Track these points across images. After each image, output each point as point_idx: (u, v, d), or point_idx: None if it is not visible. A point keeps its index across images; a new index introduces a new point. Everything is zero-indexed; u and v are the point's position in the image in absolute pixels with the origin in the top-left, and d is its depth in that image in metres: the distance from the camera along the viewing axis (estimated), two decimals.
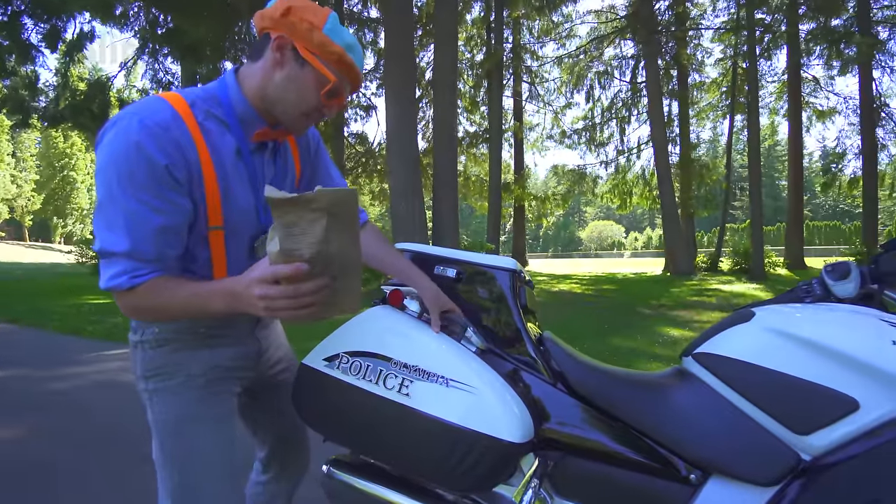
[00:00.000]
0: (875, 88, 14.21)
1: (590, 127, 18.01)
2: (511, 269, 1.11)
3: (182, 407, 0.87)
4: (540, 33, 17.71)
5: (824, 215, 51.39)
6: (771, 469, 0.84)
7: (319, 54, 0.78)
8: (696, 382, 0.98)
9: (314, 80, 0.79)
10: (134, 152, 0.72)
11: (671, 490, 0.90)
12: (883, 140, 14.41)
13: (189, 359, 0.88)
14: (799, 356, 0.88)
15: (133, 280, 0.75)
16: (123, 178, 0.72)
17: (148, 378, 0.88)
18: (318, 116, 0.85)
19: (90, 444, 2.40)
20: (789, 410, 0.86)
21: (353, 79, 0.84)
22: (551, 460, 0.97)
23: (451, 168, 9.16)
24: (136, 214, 0.73)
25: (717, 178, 15.56)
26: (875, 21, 13.71)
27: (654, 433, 0.93)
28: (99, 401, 3.07)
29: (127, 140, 0.72)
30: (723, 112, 17.35)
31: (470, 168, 18.06)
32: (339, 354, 0.99)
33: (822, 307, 0.98)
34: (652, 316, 6.88)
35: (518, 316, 1.08)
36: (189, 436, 0.87)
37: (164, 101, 0.77)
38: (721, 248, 15.60)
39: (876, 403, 0.79)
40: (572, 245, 66.41)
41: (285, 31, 0.77)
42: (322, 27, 0.77)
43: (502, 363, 1.03)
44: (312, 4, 0.79)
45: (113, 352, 4.38)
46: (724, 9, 16.40)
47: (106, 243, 0.74)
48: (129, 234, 0.73)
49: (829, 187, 16.23)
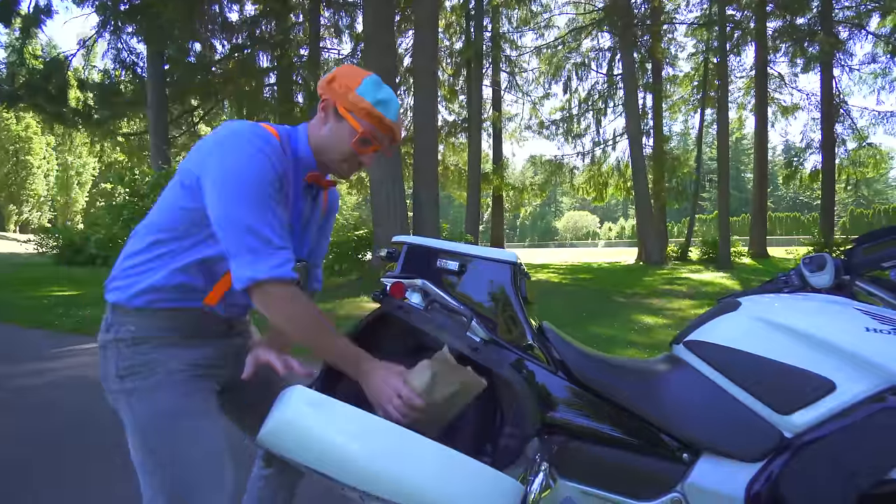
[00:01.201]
0: (835, 86, 14.90)
1: (567, 118, 18.20)
2: (512, 261, 1.14)
3: (167, 402, 0.87)
4: (519, 22, 17.68)
5: (785, 207, 53.87)
6: (756, 446, 0.92)
7: (352, 110, 0.93)
8: (688, 368, 1.05)
9: (348, 131, 0.94)
10: (265, 157, 0.85)
11: (666, 468, 0.97)
12: (841, 135, 15.15)
13: (167, 356, 0.89)
14: (781, 342, 0.96)
15: (293, 274, 0.85)
16: (259, 177, 0.83)
17: (124, 377, 0.87)
18: (355, 162, 0.98)
19: (66, 442, 2.33)
20: (773, 392, 0.93)
21: (385, 129, 0.96)
22: (555, 444, 1.02)
23: (432, 157, 9.12)
24: (276, 210, 0.85)
25: (689, 170, 16.06)
26: (836, 21, 14.32)
27: (650, 416, 0.99)
28: (74, 397, 2.97)
29: (258, 147, 0.84)
30: (694, 106, 17.84)
31: (448, 157, 18.01)
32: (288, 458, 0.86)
33: (801, 297, 1.06)
34: (627, 304, 7.11)
35: (520, 307, 1.12)
36: (179, 432, 0.86)
37: (269, 131, 0.90)
38: (691, 238, 16.17)
39: (851, 385, 0.87)
40: (549, 235, 67.43)
41: (329, 94, 0.95)
42: (356, 88, 0.92)
43: (506, 353, 1.07)
44: (354, 71, 0.95)
45: (84, 346, 4.22)
46: (697, 4, 16.78)
47: (257, 236, 0.82)
48: (274, 227, 0.85)
49: (791, 180, 16.99)
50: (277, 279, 0.82)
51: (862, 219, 43.10)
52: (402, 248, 1.28)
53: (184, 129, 14.81)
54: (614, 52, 16.84)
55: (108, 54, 12.32)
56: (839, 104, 14.97)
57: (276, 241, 0.83)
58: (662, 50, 16.33)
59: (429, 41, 9.02)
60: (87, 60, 13.61)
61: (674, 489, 0.95)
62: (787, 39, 14.64)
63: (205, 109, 14.66)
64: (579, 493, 0.98)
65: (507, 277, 1.14)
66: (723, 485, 0.92)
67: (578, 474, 1.00)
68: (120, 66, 12.53)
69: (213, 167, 0.83)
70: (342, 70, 0.95)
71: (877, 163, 15.47)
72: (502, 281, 1.13)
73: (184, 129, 14.81)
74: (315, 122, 0.98)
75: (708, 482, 0.93)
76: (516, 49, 18.36)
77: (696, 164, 15.17)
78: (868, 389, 0.85)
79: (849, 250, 1.12)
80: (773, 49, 15.26)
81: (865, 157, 15.29)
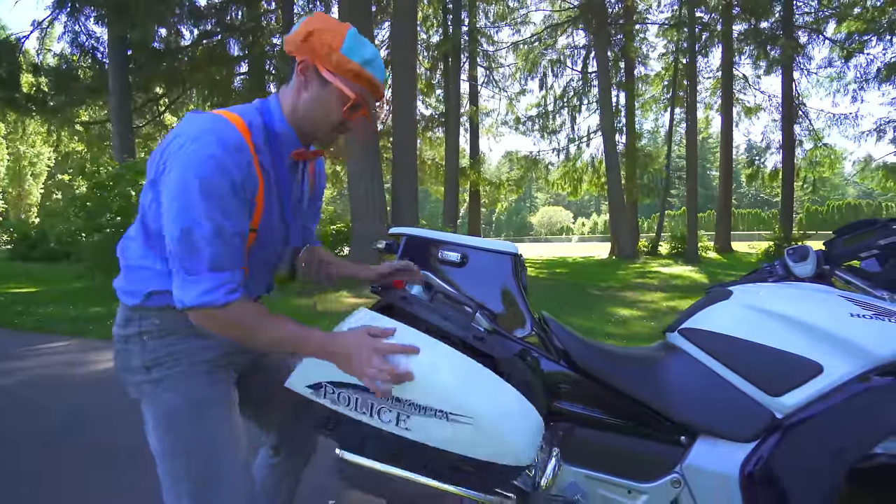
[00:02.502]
0: (794, 88, 15.63)
1: (543, 114, 18.42)
2: (513, 252, 1.15)
3: (195, 390, 0.88)
4: (496, 17, 17.72)
5: (747, 204, 56.35)
6: (749, 427, 0.96)
7: (339, 73, 0.83)
8: (683, 355, 1.09)
9: (337, 97, 0.85)
10: (216, 167, 0.75)
11: (665, 451, 1.00)
12: (799, 136, 15.93)
13: (193, 346, 0.90)
14: (771, 328, 1.01)
15: (229, 296, 0.78)
16: (205, 191, 0.75)
17: (150, 367, 0.87)
18: (344, 130, 0.91)
19: (50, 442, 2.22)
20: (764, 375, 0.98)
21: (375, 91, 0.88)
22: (560, 431, 1.04)
23: (411, 151, 9.06)
24: (221, 228, 0.77)
25: (659, 167, 16.56)
26: (797, 26, 15.00)
27: (649, 402, 1.03)
28: (49, 396, 2.82)
29: (208, 155, 0.75)
30: (664, 105, 18.37)
31: (425, 152, 17.93)
32: (323, 384, 0.89)
33: (788, 286, 1.12)
34: (602, 297, 7.29)
35: (521, 298, 1.14)
36: (206, 419, 0.87)
37: (231, 124, 0.80)
38: (661, 233, 16.71)
39: (836, 367, 0.92)
40: (524, 230, 68.25)
41: (307, 56, 0.83)
42: (340, 48, 0.82)
43: (509, 344, 1.08)
44: (331, 24, 0.83)
45: (52, 344, 4.01)
46: (668, 5, 17.24)
47: (192, 256, 0.76)
48: (213, 247, 0.76)
49: (754, 179, 17.77)
50: (204, 306, 0.77)
51: (817, 215, 45.60)
52: (400, 239, 1.27)
53: (148, 118, 14.16)
54: (589, 50, 17.14)
55: (65, 37, 11.60)
56: (798, 106, 15.73)
57: (215, 263, 0.77)
58: (635, 49, 16.73)
59: (408, 33, 8.93)
60: (41, 44, 12.77)
61: (673, 470, 0.98)
62: (751, 42, 15.24)
63: (171, 98, 14.05)
64: (583, 477, 1.01)
65: (508, 268, 1.15)
66: (719, 464, 0.96)
67: (581, 459, 1.02)
68: (78, 51, 11.83)
69: (168, 177, 0.77)
70: (316, 23, 0.82)
71: (832, 163, 16.35)
72: (503, 272, 1.15)
73: (148, 118, 14.16)
74: (290, 89, 0.87)
75: (705, 463, 0.97)
76: (493, 44, 18.42)
77: (667, 162, 15.66)
78: (853, 371, 0.91)
79: (829, 241, 1.19)
80: (738, 51, 15.87)
81: (821, 157, 16.14)
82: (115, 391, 2.86)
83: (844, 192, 57.86)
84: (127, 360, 0.88)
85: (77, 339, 4.24)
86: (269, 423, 1.13)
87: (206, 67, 12.18)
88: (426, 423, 0.84)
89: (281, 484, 1.17)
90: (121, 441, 2.18)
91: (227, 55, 12.91)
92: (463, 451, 0.84)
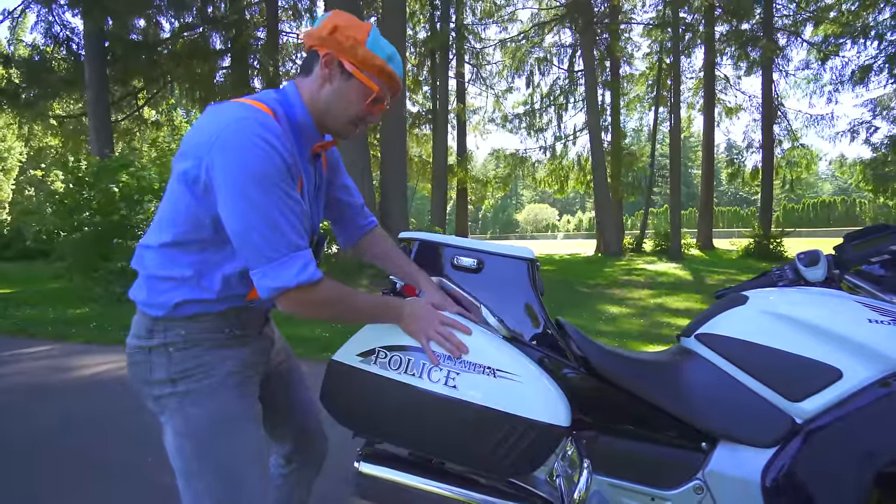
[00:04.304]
0: (774, 89, 16.01)
1: (529, 112, 18.48)
2: (529, 258, 1.14)
3: (225, 405, 0.86)
4: (483, 14, 17.69)
5: (727, 201, 57.67)
6: (770, 432, 0.97)
7: (363, 67, 0.86)
8: (701, 360, 1.09)
9: (359, 91, 0.87)
10: (266, 152, 0.75)
11: (687, 457, 1.01)
12: (779, 136, 16.34)
13: (221, 357, 0.88)
14: (790, 334, 1.01)
15: (318, 272, 0.81)
16: (261, 177, 0.75)
17: (177, 381, 0.84)
18: (361, 123, 0.92)
19: (31, 453, 2.13)
20: (783, 381, 0.99)
21: (394, 86, 0.92)
22: (582, 439, 1.03)
23: (400, 148, 8.99)
24: (287, 209, 0.77)
25: (643, 165, 16.80)
26: (776, 28, 15.35)
27: (670, 407, 1.03)
28: (29, 403, 2.71)
29: (254, 142, 0.75)
30: (648, 104, 18.63)
31: (412, 149, 17.83)
32: (376, 349, 0.97)
33: (802, 290, 1.13)
34: (591, 294, 7.37)
35: (539, 303, 1.12)
36: (233, 435, 0.85)
37: (264, 112, 0.80)
38: (645, 230, 16.98)
39: (855, 372, 0.94)
40: (510, 227, 68.58)
41: (332, 49, 0.85)
42: (365, 42, 0.84)
43: (529, 351, 1.07)
44: (355, 20, 0.86)
45: (29, 350, 3.86)
46: (652, 5, 17.46)
47: (268, 244, 0.76)
48: (287, 229, 0.77)
49: (735, 177, 18.17)
50: (302, 285, 0.79)
51: (793, 212, 46.97)
52: (411, 244, 1.24)
53: (127, 112, 13.72)
54: (575, 49, 17.25)
55: (39, 27, 11.15)
56: (777, 106, 16.12)
57: (293, 243, 0.78)
58: (620, 48, 16.89)
59: (396, 28, 8.83)
60: (13, 34, 12.25)
61: (695, 477, 0.99)
62: (732, 43, 15.54)
63: (150, 92, 13.65)
64: (607, 485, 1.01)
65: (524, 274, 1.13)
66: (740, 470, 0.97)
67: (605, 468, 1.02)
68: (52, 42, 11.39)
69: (218, 171, 0.75)
70: (341, 18, 0.85)
71: (808, 163, 16.83)
72: (520, 278, 1.13)
73: (127, 112, 13.72)
74: (311, 80, 0.88)
75: (726, 468, 0.98)
76: (480, 41, 18.39)
77: (651, 160, 15.89)
78: (872, 376, 0.92)
79: (839, 246, 1.21)
80: (720, 52, 16.17)
81: (799, 157, 16.59)
82: (100, 398, 2.77)
83: (820, 190, 59.71)
84: (148, 372, 0.84)
85: (59, 343, 4.09)
86: (283, 433, 1.10)
87: (187, 61, 11.84)
88: (475, 380, 0.91)
89: (293, 494, 1.15)
90: (107, 450, 2.11)
91: (209, 49, 12.57)
92: (507, 407, 0.89)
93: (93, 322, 4.75)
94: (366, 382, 0.96)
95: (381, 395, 0.95)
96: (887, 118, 13.96)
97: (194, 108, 14.50)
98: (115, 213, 6.08)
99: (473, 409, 0.90)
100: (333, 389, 0.99)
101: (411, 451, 1.03)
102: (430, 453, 1.00)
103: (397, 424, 0.96)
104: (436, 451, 0.97)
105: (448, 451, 0.95)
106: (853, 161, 16.20)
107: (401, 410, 0.94)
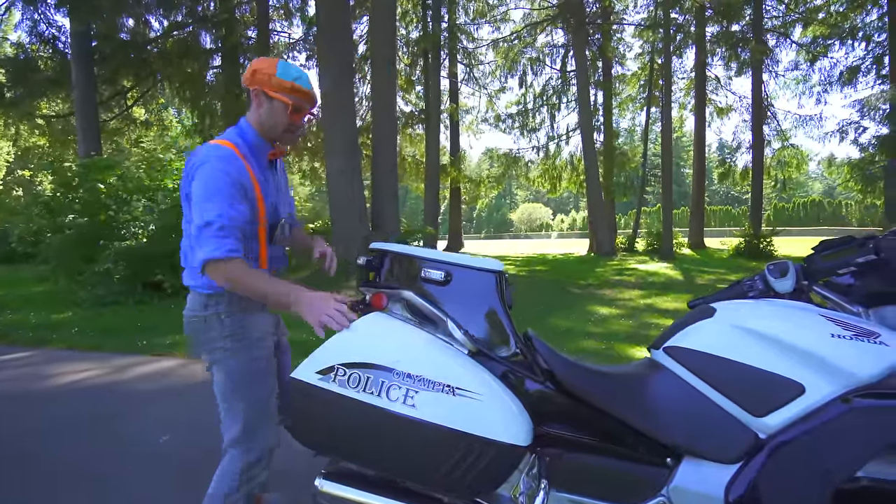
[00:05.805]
0: (763, 90, 16.14)
1: (522, 112, 18.50)
2: (497, 270, 1.13)
3: (255, 358, 1.23)
4: (475, 14, 17.67)
5: (718, 201, 58.10)
6: (734, 448, 0.97)
7: (279, 90, 1.21)
8: (668, 374, 1.09)
9: (280, 107, 1.23)
10: (222, 172, 1.13)
11: (652, 473, 1.00)
12: (768, 136, 16.47)
13: (253, 323, 1.25)
14: (755, 348, 1.01)
15: (230, 253, 1.10)
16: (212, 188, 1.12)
17: (227, 338, 1.20)
18: (294, 129, 1.28)
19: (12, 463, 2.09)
20: (748, 395, 0.98)
21: (308, 99, 1.26)
22: (545, 456, 1.02)
23: (391, 148, 8.95)
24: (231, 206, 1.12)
25: (636, 165, 16.86)
26: (766, 29, 15.47)
27: (635, 422, 1.02)
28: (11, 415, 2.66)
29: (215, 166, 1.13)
30: (640, 104, 18.70)
31: (405, 149, 17.79)
32: (335, 367, 0.96)
33: (770, 303, 1.13)
34: (582, 295, 7.38)
35: (506, 317, 1.11)
36: (258, 378, 1.24)
37: (227, 147, 1.19)
38: (637, 230, 17.05)
39: (818, 387, 0.93)
40: (504, 226, 68.63)
41: (256, 85, 1.23)
42: (275, 73, 1.21)
43: (494, 365, 1.06)
44: (267, 61, 1.24)
45: (10, 356, 3.78)
46: (644, 6, 17.53)
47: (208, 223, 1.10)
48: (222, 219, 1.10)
49: (726, 177, 18.29)
50: (215, 259, 1.09)
51: (784, 211, 47.40)
52: (381, 256, 1.23)
53: (116, 111, 13.56)
54: (567, 49, 17.28)
55: (24, 26, 10.99)
56: (767, 107, 16.25)
57: (222, 226, 1.09)
58: (612, 49, 16.95)
59: (387, 28, 8.79)
60: None
61: (659, 493, 0.98)
62: (723, 44, 15.65)
63: (140, 91, 13.49)
64: (568, 502, 1.00)
65: (492, 287, 1.12)
66: (704, 486, 0.96)
67: (568, 484, 1.01)
68: (37, 40, 11.22)
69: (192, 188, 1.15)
70: (257, 63, 1.23)
71: (798, 163, 16.98)
72: (488, 290, 1.12)
73: (116, 111, 13.56)
74: (251, 111, 1.26)
75: (690, 484, 0.97)
76: (473, 41, 18.38)
77: (643, 160, 15.96)
78: (834, 391, 0.92)
79: (808, 257, 1.21)
80: (710, 53, 16.27)
81: (789, 157, 16.74)
82: (83, 405, 2.73)
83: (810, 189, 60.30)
84: (207, 332, 1.21)
85: (39, 349, 4.03)
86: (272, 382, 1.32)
87: (177, 60, 11.71)
88: (433, 398, 0.91)
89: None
90: (90, 458, 2.07)
91: (199, 48, 12.45)
92: (466, 426, 0.89)
93: (75, 327, 4.68)
94: (325, 401, 0.95)
95: (339, 414, 0.94)
96: (875, 119, 14.11)
97: (184, 108, 14.35)
98: (101, 213, 6.00)
99: (431, 429, 0.89)
100: (293, 408, 0.98)
101: (373, 470, 1.01)
102: (390, 473, 0.99)
103: (356, 444, 0.94)
104: (395, 471, 0.96)
105: (407, 471, 0.94)
106: (841, 161, 16.36)
107: (359, 430, 0.93)
